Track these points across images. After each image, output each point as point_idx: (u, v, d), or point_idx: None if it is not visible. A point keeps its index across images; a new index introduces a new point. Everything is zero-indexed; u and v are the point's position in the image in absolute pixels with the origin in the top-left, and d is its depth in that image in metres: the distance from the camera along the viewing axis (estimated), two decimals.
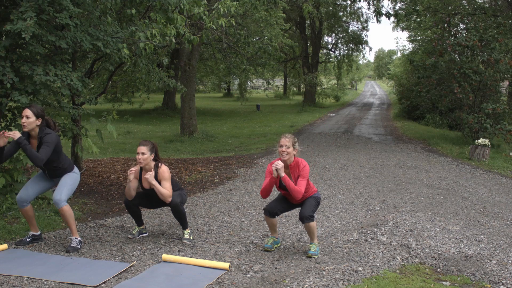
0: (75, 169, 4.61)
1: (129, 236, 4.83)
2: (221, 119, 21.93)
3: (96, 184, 7.34)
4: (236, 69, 17.56)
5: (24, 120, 4.21)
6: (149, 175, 4.43)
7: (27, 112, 4.22)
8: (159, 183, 4.52)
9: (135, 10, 6.20)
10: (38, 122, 4.27)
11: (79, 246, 4.41)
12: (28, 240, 4.54)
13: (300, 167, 4.31)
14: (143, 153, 4.48)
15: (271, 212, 4.38)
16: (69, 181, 4.44)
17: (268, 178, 4.34)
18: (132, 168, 4.62)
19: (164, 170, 4.57)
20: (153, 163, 4.59)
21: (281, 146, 4.25)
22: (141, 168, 4.65)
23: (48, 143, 4.21)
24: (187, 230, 4.77)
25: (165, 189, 4.49)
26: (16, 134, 4.17)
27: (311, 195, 4.40)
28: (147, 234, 4.93)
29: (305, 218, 4.23)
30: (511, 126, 11.70)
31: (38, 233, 4.61)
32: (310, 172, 8.48)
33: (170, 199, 4.51)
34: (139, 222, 4.87)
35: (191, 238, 4.75)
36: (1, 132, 4.15)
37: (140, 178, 4.68)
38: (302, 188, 4.24)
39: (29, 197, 4.45)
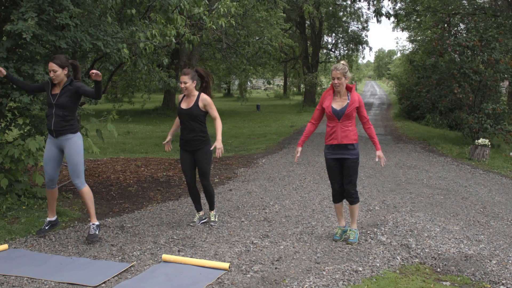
0: (78, 133, 4.55)
1: (191, 224, 5.10)
2: (221, 119, 21.88)
3: (96, 184, 7.34)
4: (236, 69, 17.58)
5: (52, 74, 4.34)
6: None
7: (53, 66, 4.34)
8: (203, 107, 4.91)
9: (135, 10, 6.20)
10: (65, 71, 4.41)
11: (97, 232, 4.45)
12: (47, 228, 4.60)
13: (356, 99, 4.52)
14: (185, 82, 4.78)
15: (339, 198, 4.77)
16: (77, 159, 4.45)
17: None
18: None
19: (206, 97, 4.91)
20: (196, 92, 4.90)
21: (333, 78, 4.49)
22: (182, 97, 4.99)
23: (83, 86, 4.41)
24: (212, 212, 5.11)
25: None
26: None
27: (354, 144, 4.54)
28: (206, 219, 5.22)
29: (351, 201, 4.66)
30: (511, 127, 11.70)
31: (54, 218, 4.65)
32: (310, 173, 8.53)
33: (218, 119, 4.96)
34: (198, 206, 5.16)
35: (216, 220, 5.10)
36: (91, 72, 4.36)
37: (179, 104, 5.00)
38: (366, 115, 4.63)
39: (54, 177, 4.51)
